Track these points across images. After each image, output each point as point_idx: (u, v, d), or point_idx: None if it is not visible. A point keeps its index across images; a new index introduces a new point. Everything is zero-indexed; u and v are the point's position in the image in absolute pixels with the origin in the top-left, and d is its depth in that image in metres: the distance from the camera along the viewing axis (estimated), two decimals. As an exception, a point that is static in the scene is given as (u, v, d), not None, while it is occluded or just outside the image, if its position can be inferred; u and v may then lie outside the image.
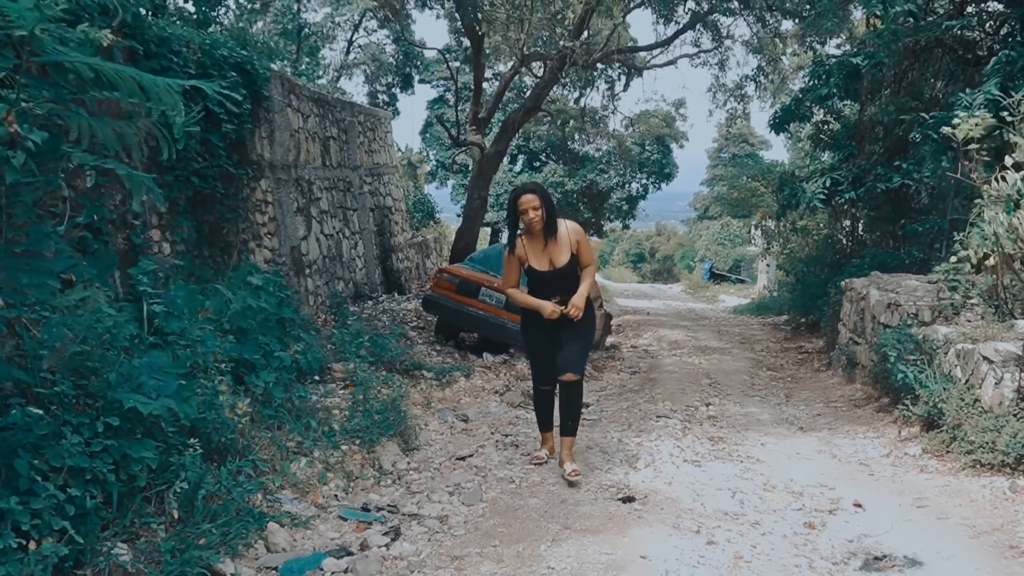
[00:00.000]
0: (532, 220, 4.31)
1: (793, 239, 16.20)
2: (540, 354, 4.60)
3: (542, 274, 4.44)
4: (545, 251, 4.42)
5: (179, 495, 3.01)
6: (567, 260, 4.43)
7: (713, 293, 26.97)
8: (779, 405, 7.03)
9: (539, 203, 4.32)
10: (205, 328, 4.23)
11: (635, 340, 13.14)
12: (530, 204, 4.30)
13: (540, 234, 4.38)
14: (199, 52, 7.33)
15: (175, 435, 3.31)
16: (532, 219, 4.30)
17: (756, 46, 15.81)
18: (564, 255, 4.42)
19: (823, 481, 4.38)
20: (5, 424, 2.53)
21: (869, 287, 7.47)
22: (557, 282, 4.43)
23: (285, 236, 9.78)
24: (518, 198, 4.35)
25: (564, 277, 4.44)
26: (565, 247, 4.43)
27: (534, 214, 4.30)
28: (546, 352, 4.52)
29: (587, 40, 14.32)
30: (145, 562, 2.69)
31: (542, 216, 4.33)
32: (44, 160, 2.29)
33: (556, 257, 4.43)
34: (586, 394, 7.73)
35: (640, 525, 3.50)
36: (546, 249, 4.42)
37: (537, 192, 4.37)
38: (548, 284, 4.43)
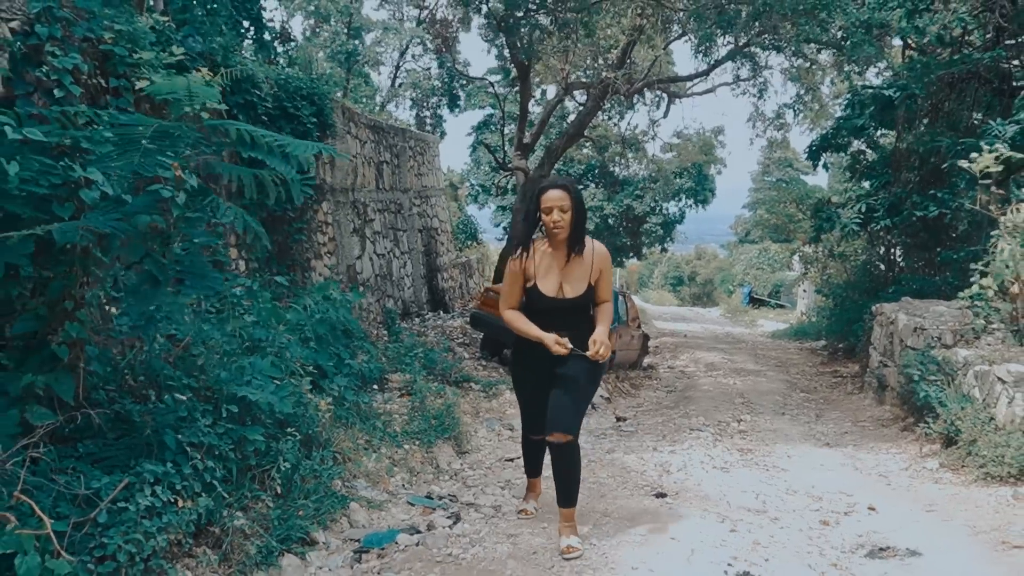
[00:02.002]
0: (556, 224, 3.44)
1: (831, 265, 16.46)
2: (531, 398, 3.76)
3: (547, 301, 3.54)
4: (559, 273, 3.56)
5: (281, 474, 3.58)
6: (583, 290, 3.55)
7: (752, 318, 27.12)
8: (808, 423, 7.40)
9: (569, 204, 3.45)
10: (291, 337, 4.83)
11: (672, 361, 13.52)
12: (557, 203, 3.43)
13: (562, 246, 3.53)
14: (275, 86, 8.10)
15: (272, 426, 3.90)
16: (556, 222, 3.44)
17: (794, 75, 16.20)
18: (581, 283, 3.55)
19: (842, 489, 4.78)
20: (156, 407, 3.13)
21: (898, 312, 7.82)
22: (563, 316, 3.56)
23: (342, 255, 10.47)
24: (543, 192, 3.48)
25: (574, 311, 3.58)
26: (585, 273, 3.56)
27: (560, 217, 3.43)
28: (539, 396, 3.66)
29: (629, 69, 14.88)
30: (257, 526, 3.26)
31: (570, 221, 3.46)
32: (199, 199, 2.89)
33: (570, 283, 3.56)
34: (623, 408, 8.24)
35: (671, 515, 3.97)
36: (562, 270, 3.56)
37: (569, 190, 3.48)
38: (551, 317, 3.54)
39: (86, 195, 2.89)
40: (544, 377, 3.61)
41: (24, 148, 2.83)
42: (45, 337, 2.86)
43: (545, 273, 3.56)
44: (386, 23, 24.46)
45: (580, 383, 3.52)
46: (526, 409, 3.85)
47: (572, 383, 3.52)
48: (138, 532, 2.67)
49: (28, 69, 4.36)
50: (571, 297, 3.55)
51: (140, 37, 5.69)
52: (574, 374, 3.52)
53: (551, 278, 3.56)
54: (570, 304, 3.56)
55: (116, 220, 2.73)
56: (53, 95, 4.35)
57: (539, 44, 11.75)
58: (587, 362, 3.47)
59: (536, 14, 11.36)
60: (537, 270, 3.56)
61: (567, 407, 3.50)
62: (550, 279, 3.56)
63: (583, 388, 3.55)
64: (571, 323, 3.55)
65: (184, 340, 3.96)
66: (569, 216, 3.45)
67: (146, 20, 6.12)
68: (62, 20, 4.63)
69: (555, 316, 3.54)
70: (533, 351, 3.56)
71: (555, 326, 3.51)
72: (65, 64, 4.42)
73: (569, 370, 3.52)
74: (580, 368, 3.50)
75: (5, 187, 2.66)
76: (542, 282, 3.56)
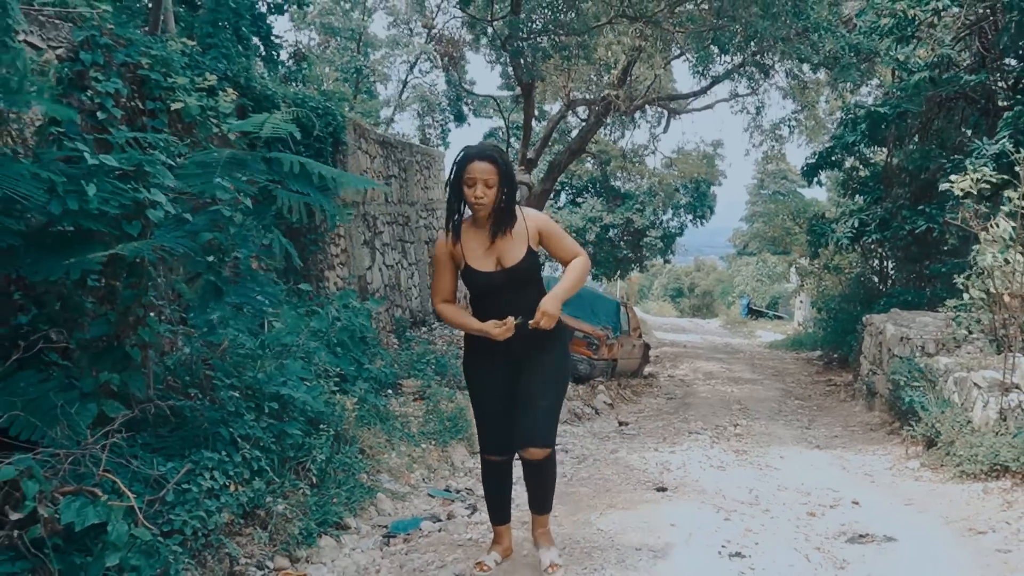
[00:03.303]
0: (479, 200, 2.93)
1: (826, 277, 16.87)
2: (490, 407, 3.17)
3: (485, 279, 3.04)
4: (492, 248, 3.04)
5: (316, 466, 3.95)
6: (522, 256, 3.02)
7: (750, 329, 27.51)
8: (802, 428, 7.76)
9: (495, 177, 2.93)
10: (316, 343, 5.21)
11: (672, 370, 13.89)
12: (482, 176, 2.91)
13: (484, 223, 3.02)
14: (292, 104, 8.51)
15: (305, 423, 4.26)
16: (479, 198, 2.93)
17: (790, 92, 16.66)
18: (518, 249, 3.03)
19: (830, 485, 5.13)
20: (204, 404, 3.51)
21: (887, 323, 8.19)
22: (509, 291, 3.03)
23: (354, 266, 10.86)
24: (468, 162, 2.93)
25: (520, 283, 3.04)
26: (521, 239, 3.04)
27: (483, 193, 2.92)
28: (499, 406, 3.13)
29: (630, 87, 15.32)
30: (297, 511, 3.62)
31: (497, 197, 2.96)
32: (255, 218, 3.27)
33: (507, 254, 3.03)
34: (626, 414, 8.61)
35: (671, 505, 4.33)
36: (493, 246, 3.03)
37: (496, 162, 2.95)
38: (496, 294, 3.04)
39: (152, 215, 3.28)
40: (503, 381, 3.10)
41: (98, 171, 3.23)
42: (116, 340, 3.23)
43: (476, 250, 3.06)
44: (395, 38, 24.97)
45: (549, 384, 3.07)
46: (485, 421, 3.19)
47: (540, 385, 3.04)
48: (200, 510, 3.03)
49: (73, 93, 4.76)
50: (511, 267, 3.02)
51: (173, 61, 6.10)
52: (540, 374, 3.06)
53: (483, 254, 3.05)
54: (512, 276, 3.02)
55: (181, 238, 3.11)
56: (96, 117, 4.75)
57: (541, 65, 12.19)
58: (552, 356, 3.08)
59: (538, 37, 11.81)
60: (466, 251, 3.06)
61: (540, 415, 3.01)
62: (483, 255, 3.05)
63: (554, 389, 3.10)
64: (523, 301, 3.01)
65: (222, 344, 4.33)
66: (494, 192, 2.94)
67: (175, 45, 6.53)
68: (104, 47, 5.04)
69: (501, 296, 3.03)
70: (487, 350, 3.07)
71: (505, 309, 2.98)
72: (107, 88, 4.82)
73: (534, 370, 3.06)
74: (546, 366, 3.07)
75: (85, 207, 3.04)
76: (473, 260, 3.05)
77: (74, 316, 3.59)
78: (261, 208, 3.35)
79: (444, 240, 3.13)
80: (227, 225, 3.22)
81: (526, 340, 3.03)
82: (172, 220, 3.36)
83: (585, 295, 11.05)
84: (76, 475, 2.74)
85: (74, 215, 3.00)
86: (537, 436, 3.03)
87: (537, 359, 3.09)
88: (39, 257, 2.97)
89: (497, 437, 3.18)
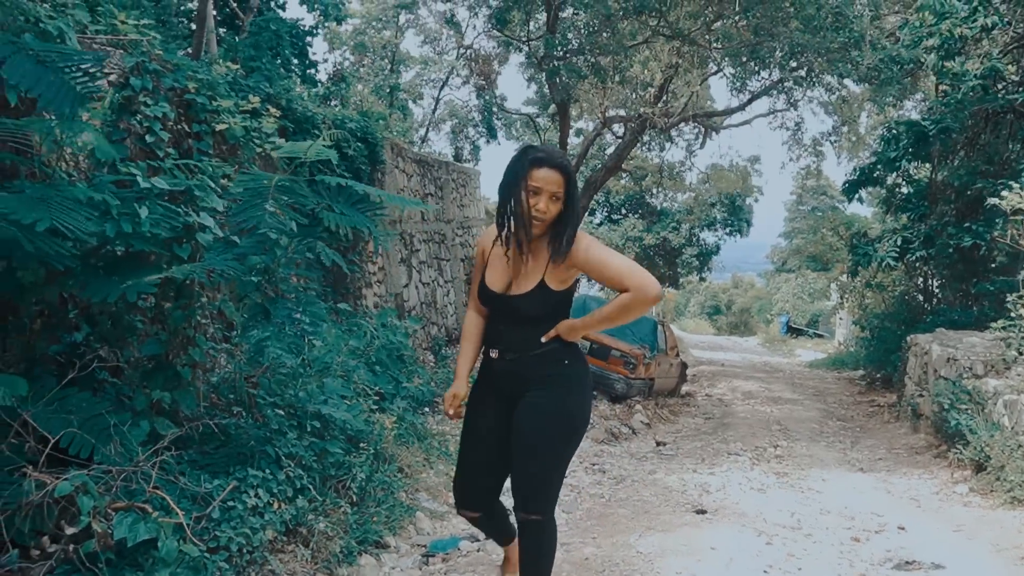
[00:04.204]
0: (542, 214, 2.41)
1: (869, 295, 16.54)
2: (470, 454, 2.69)
3: (490, 299, 2.57)
4: (512, 265, 2.52)
5: (356, 484, 3.99)
6: (531, 288, 2.48)
7: (790, 347, 27.06)
8: (844, 450, 7.61)
9: (563, 191, 2.42)
10: (356, 361, 5.28)
11: (710, 389, 13.72)
12: (549, 186, 2.40)
13: (543, 239, 2.48)
14: (332, 125, 8.68)
15: (345, 442, 4.32)
16: (543, 212, 2.41)
17: (830, 108, 16.46)
18: (532, 277, 2.49)
19: (874, 510, 5.02)
20: (248, 422, 3.58)
21: (932, 343, 8.01)
22: (508, 326, 2.54)
23: (391, 283, 10.98)
24: (534, 168, 2.41)
25: (521, 323, 2.51)
26: (541, 264, 2.49)
27: (547, 207, 2.41)
28: (481, 455, 2.65)
29: (666, 104, 15.29)
30: (337, 529, 3.66)
31: (555, 215, 2.43)
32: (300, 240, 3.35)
33: (519, 279, 2.52)
34: (663, 434, 8.52)
35: (711, 528, 4.29)
36: (512, 264, 2.52)
37: (567, 172, 2.44)
38: (497, 319, 2.58)
39: (201, 238, 3.37)
40: (494, 423, 2.60)
41: (150, 194, 3.34)
42: (167, 359, 3.32)
43: (498, 261, 2.55)
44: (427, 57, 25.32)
45: (545, 439, 2.48)
46: (462, 469, 2.72)
47: (532, 440, 2.49)
48: (246, 527, 3.09)
49: (123, 117, 4.93)
50: (515, 295, 2.49)
51: (218, 85, 6.28)
52: (535, 425, 2.48)
53: (503, 269, 2.54)
54: (513, 308, 2.50)
55: (230, 260, 3.20)
56: (145, 140, 4.92)
57: (577, 84, 12.26)
58: (554, 398, 2.49)
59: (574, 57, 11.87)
60: (491, 257, 2.59)
61: (534, 477, 2.49)
62: (501, 270, 2.54)
63: (551, 446, 2.49)
64: (516, 336, 2.51)
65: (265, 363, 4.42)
66: (557, 209, 2.43)
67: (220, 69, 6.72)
68: (152, 72, 5.22)
69: (501, 323, 2.56)
70: (487, 380, 2.62)
71: (500, 339, 2.56)
72: (156, 112, 4.99)
73: (529, 419, 2.49)
74: (544, 414, 2.48)
75: (138, 229, 3.14)
76: (491, 273, 2.57)
77: (125, 335, 3.71)
78: (307, 230, 3.42)
79: (487, 236, 2.64)
80: (273, 248, 3.30)
81: (520, 376, 2.52)
82: (220, 243, 3.46)
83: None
84: (128, 491, 2.82)
85: (127, 237, 3.11)
86: (527, 503, 2.51)
87: (533, 403, 2.49)
88: (94, 278, 3.08)
89: (473, 491, 2.69)
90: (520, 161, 2.44)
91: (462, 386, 2.70)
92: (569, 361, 2.54)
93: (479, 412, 2.66)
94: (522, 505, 2.52)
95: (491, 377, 2.62)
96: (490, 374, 2.62)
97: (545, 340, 2.50)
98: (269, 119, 6.19)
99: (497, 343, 2.58)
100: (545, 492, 2.52)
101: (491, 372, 2.61)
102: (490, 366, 2.62)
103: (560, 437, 2.51)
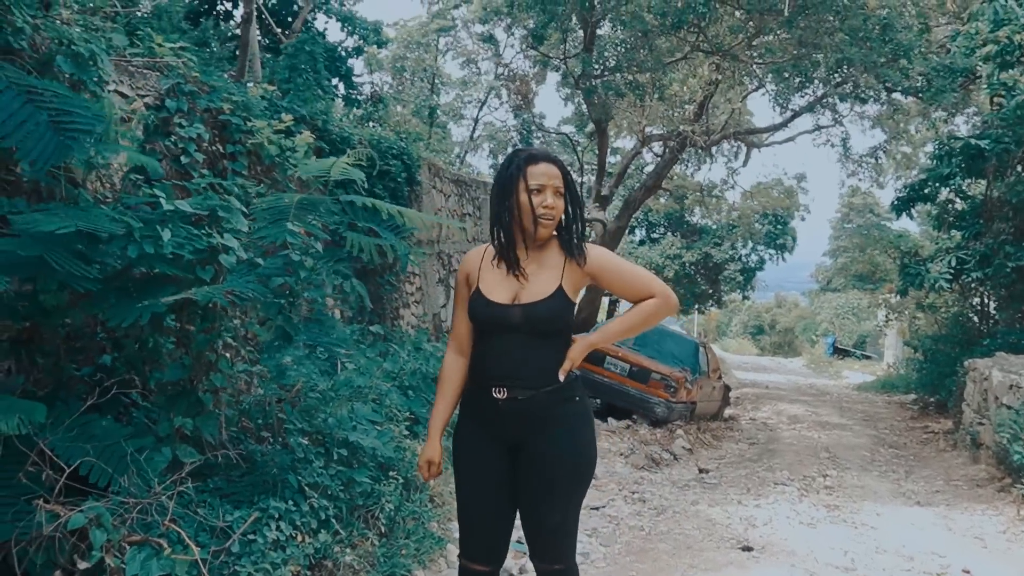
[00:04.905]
0: (551, 211, 2.20)
1: (920, 316, 15.95)
2: (473, 506, 2.37)
3: (495, 312, 2.21)
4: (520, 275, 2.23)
5: (385, 515, 3.84)
6: (548, 293, 2.20)
7: (837, 369, 26.32)
8: (898, 480, 7.23)
9: (563, 187, 2.24)
10: (389, 384, 5.15)
11: (754, 413, 13.33)
12: (551, 181, 2.21)
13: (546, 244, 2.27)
14: (368, 145, 8.66)
15: (375, 469, 4.17)
16: (551, 208, 2.20)
17: (878, 122, 16.02)
18: (547, 284, 2.22)
19: (935, 549, 4.70)
20: (275, 449, 3.46)
21: (992, 368, 7.60)
22: (519, 339, 2.20)
23: (428, 304, 10.90)
24: (531, 166, 2.22)
25: (536, 332, 2.20)
26: (553, 273, 2.24)
27: (554, 202, 2.20)
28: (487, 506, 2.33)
29: (706, 122, 15.05)
30: (364, 563, 3.51)
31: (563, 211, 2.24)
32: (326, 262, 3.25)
33: (529, 286, 2.22)
34: (706, 460, 8.22)
35: (758, 568, 4.03)
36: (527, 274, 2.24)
37: (562, 167, 2.27)
38: (501, 338, 2.21)
39: (224, 260, 3.28)
40: (496, 471, 2.30)
41: (174, 216, 3.26)
42: (190, 384, 3.22)
43: (495, 273, 2.26)
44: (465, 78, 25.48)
45: (562, 491, 2.25)
46: (467, 521, 2.39)
47: (548, 492, 2.24)
48: (266, 563, 2.95)
49: (158, 139, 4.92)
50: (528, 304, 2.19)
51: (253, 106, 6.28)
52: (549, 476, 2.23)
53: (503, 279, 2.25)
54: (528, 318, 2.18)
55: (253, 283, 3.10)
56: (179, 161, 4.89)
57: (615, 102, 12.11)
58: (566, 442, 2.23)
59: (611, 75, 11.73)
60: (483, 270, 2.28)
61: (555, 528, 2.27)
62: (501, 281, 2.25)
63: (568, 496, 2.26)
64: (534, 359, 2.20)
65: (295, 386, 4.31)
66: (563, 206, 2.24)
67: (256, 90, 6.74)
68: (188, 94, 5.21)
69: (507, 343, 2.20)
70: (479, 419, 2.30)
71: (506, 363, 2.20)
72: (190, 134, 4.98)
73: (541, 468, 2.24)
74: (557, 463, 2.23)
75: (160, 251, 3.06)
76: (488, 285, 2.25)
77: (151, 359, 3.63)
78: (333, 251, 3.31)
79: (471, 257, 2.35)
80: (297, 269, 3.19)
81: (528, 418, 2.22)
82: (245, 264, 3.37)
83: (662, 335, 10.74)
84: (144, 524, 2.71)
85: (150, 259, 3.03)
86: (548, 555, 2.30)
87: (543, 448, 2.23)
88: (117, 301, 3.00)
89: (483, 541, 2.37)
90: (513, 163, 2.26)
91: (437, 449, 2.43)
92: (580, 397, 2.30)
93: (479, 464, 2.32)
94: (542, 556, 2.31)
95: (490, 420, 2.27)
96: (489, 416, 2.26)
97: (563, 376, 2.22)
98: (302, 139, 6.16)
99: (503, 377, 2.21)
100: (565, 540, 2.32)
101: (491, 414, 2.25)
102: (490, 407, 2.24)
103: (576, 482, 2.29)
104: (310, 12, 13.57)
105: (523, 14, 12.21)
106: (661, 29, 10.33)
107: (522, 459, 2.27)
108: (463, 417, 2.39)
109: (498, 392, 2.22)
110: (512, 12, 12.27)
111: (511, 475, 2.30)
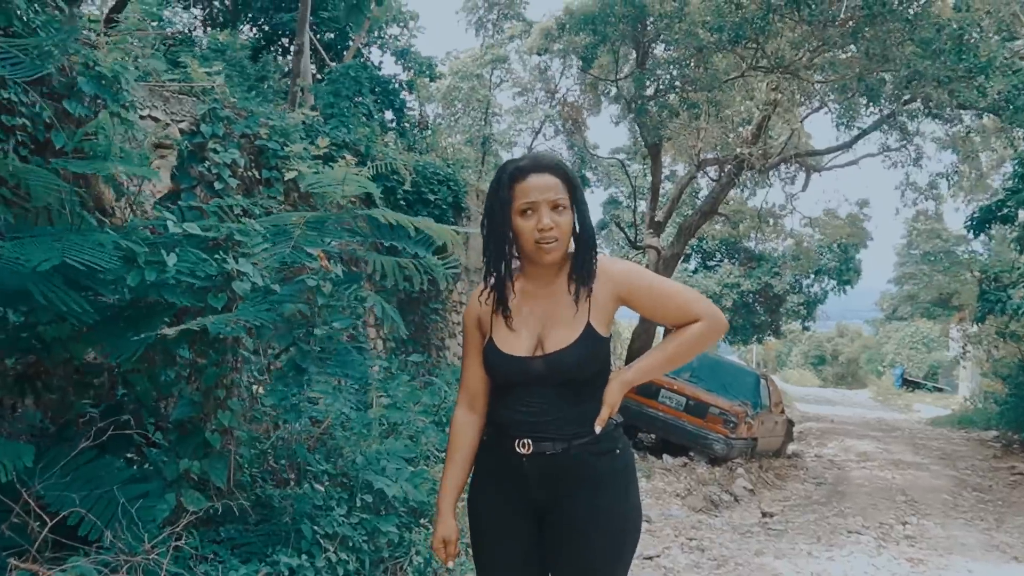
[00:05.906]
0: (548, 234, 1.79)
1: (1001, 345, 14.95)
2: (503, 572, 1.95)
3: (514, 365, 1.85)
4: (537, 315, 1.87)
5: (413, 568, 3.48)
6: (576, 338, 1.83)
7: (907, 402, 25.02)
8: (988, 530, 6.53)
9: (566, 197, 1.82)
10: (425, 420, 4.82)
11: (819, 449, 12.57)
12: (544, 195, 1.79)
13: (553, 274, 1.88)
14: (414, 172, 8.45)
15: (406, 514, 3.83)
16: (548, 231, 1.79)
17: (948, 143, 15.19)
18: (573, 325, 1.84)
19: (1042, 616, 4.10)
20: (295, 493, 3.15)
21: (1092, 405, 6.87)
22: (548, 393, 1.83)
23: (474, 334, 10.62)
24: (516, 182, 1.80)
25: (567, 382, 1.83)
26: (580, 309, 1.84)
27: (553, 221, 1.79)
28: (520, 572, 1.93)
29: (763, 144, 14.50)
30: (388, 624, 3.15)
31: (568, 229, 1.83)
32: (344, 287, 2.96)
33: (552, 331, 1.85)
34: (769, 502, 7.62)
35: (838, 640, 3.52)
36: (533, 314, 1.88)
37: (561, 172, 1.83)
38: (526, 393, 1.84)
39: (238, 287, 3.01)
40: (521, 535, 1.91)
41: (184, 241, 3.01)
42: (199, 423, 2.94)
43: (505, 323, 1.88)
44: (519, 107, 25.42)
45: (602, 562, 1.86)
46: None
47: (598, 566, 1.86)
48: (273, 628, 2.62)
49: (193, 164, 4.74)
50: (554, 353, 1.83)
51: (291, 131, 6.11)
52: (600, 550, 1.85)
53: (518, 324, 1.87)
54: (554, 368, 1.82)
55: (265, 311, 2.81)
56: (213, 187, 4.70)
57: (668, 124, 11.73)
58: (607, 502, 1.84)
59: (665, 95, 11.36)
60: (494, 323, 1.89)
61: None
62: (517, 327, 1.87)
63: (610, 571, 1.88)
64: (571, 414, 1.83)
65: (324, 422, 4.01)
66: (568, 222, 1.82)
67: (297, 115, 6.59)
68: (224, 119, 5.05)
69: (534, 397, 1.83)
70: (499, 476, 1.90)
71: (536, 422, 1.83)
72: (225, 159, 4.79)
73: (591, 542, 1.85)
74: (608, 537, 1.85)
75: (164, 277, 2.80)
76: (501, 334, 1.88)
77: (161, 395, 3.39)
78: (352, 276, 3.02)
79: (476, 299, 1.94)
80: (315, 295, 2.90)
81: (556, 478, 1.84)
82: (262, 292, 3.10)
83: (720, 366, 10.20)
84: (135, 583, 2.41)
85: (156, 287, 2.78)
86: None
87: (579, 514, 1.84)
88: (116, 333, 2.75)
89: None
90: (498, 181, 1.83)
91: (452, 525, 1.96)
92: (620, 449, 1.89)
93: (500, 535, 1.91)
94: None
95: (513, 480, 1.87)
96: (512, 476, 1.86)
97: (599, 427, 1.81)
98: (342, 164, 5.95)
99: (527, 429, 1.82)
100: None
101: (514, 473, 1.85)
102: (513, 465, 1.85)
103: (617, 555, 1.88)
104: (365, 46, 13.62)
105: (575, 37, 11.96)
106: (717, 45, 9.92)
107: (552, 527, 1.87)
108: (480, 477, 1.97)
109: (522, 447, 1.83)
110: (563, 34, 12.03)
111: (539, 545, 1.90)
